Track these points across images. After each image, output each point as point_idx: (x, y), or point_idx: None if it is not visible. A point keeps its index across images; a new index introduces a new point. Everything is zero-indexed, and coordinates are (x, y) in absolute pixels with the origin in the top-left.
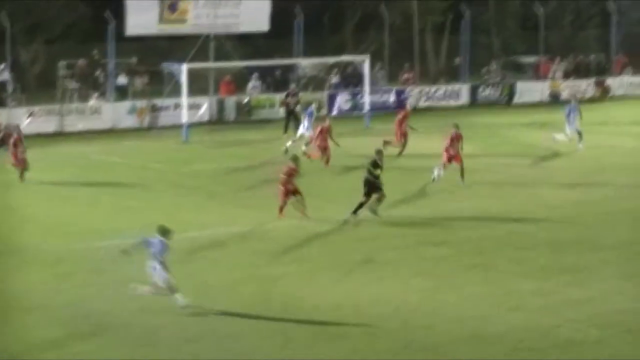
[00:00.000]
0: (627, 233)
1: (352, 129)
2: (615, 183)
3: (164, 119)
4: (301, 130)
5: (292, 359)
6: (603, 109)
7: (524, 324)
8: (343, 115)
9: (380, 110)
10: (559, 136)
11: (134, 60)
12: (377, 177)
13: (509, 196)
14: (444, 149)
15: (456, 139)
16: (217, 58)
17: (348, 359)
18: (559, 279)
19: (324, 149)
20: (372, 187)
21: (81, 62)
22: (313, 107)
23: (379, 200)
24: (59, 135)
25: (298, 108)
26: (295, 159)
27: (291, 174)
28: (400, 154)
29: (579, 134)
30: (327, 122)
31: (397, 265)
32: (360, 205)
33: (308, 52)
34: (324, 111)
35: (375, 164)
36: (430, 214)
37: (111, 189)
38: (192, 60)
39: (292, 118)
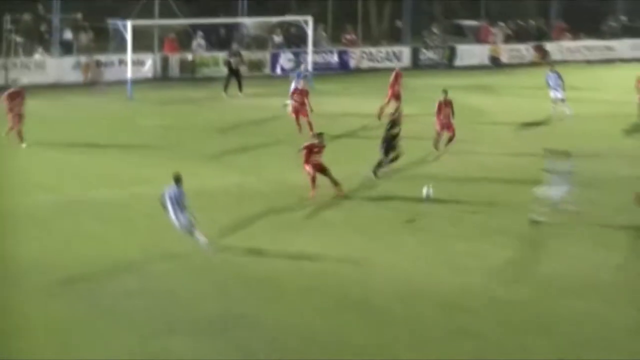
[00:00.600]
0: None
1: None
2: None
3: (109, 74)
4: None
5: (229, 313)
6: (541, 73)
7: (459, 283)
8: (285, 75)
9: (322, 71)
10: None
11: (79, 16)
12: (394, 137)
13: (447, 159)
14: (435, 117)
15: (445, 106)
16: (162, 16)
17: (283, 317)
18: (494, 241)
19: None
20: (390, 146)
21: (26, 16)
22: (302, 68)
23: (394, 159)
24: (3, 89)
25: (242, 68)
26: (319, 134)
27: (312, 150)
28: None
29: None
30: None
31: (334, 224)
32: (380, 164)
33: (252, 12)
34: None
35: (394, 124)
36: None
37: (55, 144)
38: (137, 17)
39: (234, 76)
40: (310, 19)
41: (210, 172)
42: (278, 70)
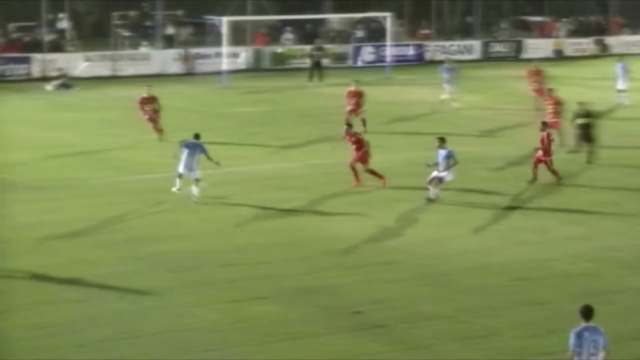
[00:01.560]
0: (622, 178)
1: (375, 78)
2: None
3: (206, 66)
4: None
5: (314, 284)
6: (602, 65)
7: (524, 257)
8: (366, 66)
9: (399, 63)
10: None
11: (180, 12)
12: (591, 127)
13: (511, 141)
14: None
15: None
16: (255, 13)
17: (363, 287)
18: (557, 217)
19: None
20: (588, 135)
21: (133, 13)
22: (446, 66)
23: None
24: (112, 79)
25: (323, 61)
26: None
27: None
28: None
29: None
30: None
31: (410, 202)
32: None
33: (336, 9)
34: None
35: (588, 114)
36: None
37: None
38: (232, 14)
39: (316, 69)
40: (389, 15)
41: (296, 154)
42: (359, 62)
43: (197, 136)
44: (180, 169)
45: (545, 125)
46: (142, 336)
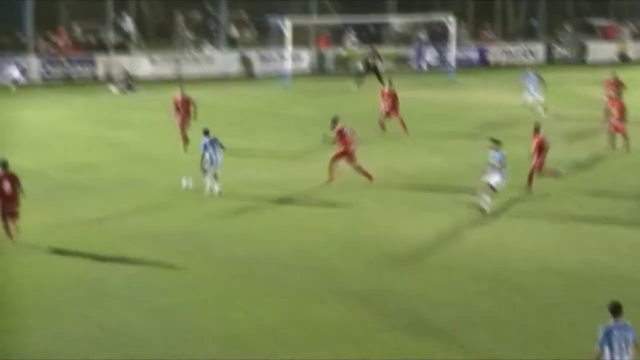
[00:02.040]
0: None
1: (438, 81)
2: None
3: (269, 67)
4: (527, 96)
5: (375, 286)
6: None
7: (582, 259)
8: (430, 70)
9: (463, 66)
10: None
11: (243, 14)
12: None
13: (575, 145)
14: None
15: (614, 85)
16: (318, 14)
17: (424, 290)
18: (620, 221)
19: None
20: None
21: (196, 15)
22: (530, 72)
23: None
24: (176, 80)
25: (379, 65)
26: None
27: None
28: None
29: None
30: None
31: (471, 206)
32: None
33: (399, 11)
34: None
35: None
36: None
37: (219, 129)
38: (296, 15)
39: (373, 72)
40: (452, 18)
41: (360, 155)
42: (423, 65)
43: (207, 132)
44: (207, 166)
45: (537, 130)
46: (202, 337)
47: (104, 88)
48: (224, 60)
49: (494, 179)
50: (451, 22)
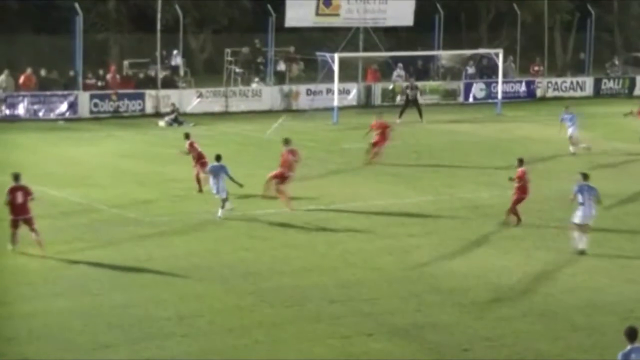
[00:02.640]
0: None
1: (486, 115)
2: None
3: (317, 102)
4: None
5: (423, 321)
6: None
7: (635, 295)
8: (477, 103)
9: (511, 99)
10: None
11: (291, 49)
12: None
13: (623, 178)
14: None
15: None
16: (365, 49)
17: (472, 324)
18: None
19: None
20: None
21: (244, 50)
22: (565, 113)
23: None
24: (224, 115)
25: (419, 98)
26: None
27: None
28: None
29: None
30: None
31: (521, 240)
32: None
33: (446, 45)
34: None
35: None
36: (549, 194)
37: (268, 163)
38: (343, 50)
39: (414, 106)
40: (500, 52)
41: (405, 190)
42: (471, 99)
43: (218, 158)
44: (214, 191)
45: (521, 161)
46: None
47: (152, 123)
48: (272, 95)
49: (580, 215)
50: (499, 56)
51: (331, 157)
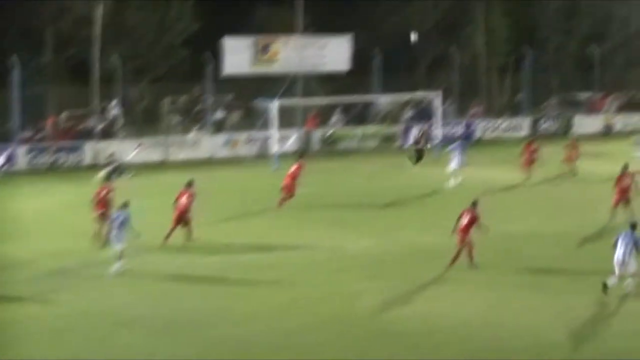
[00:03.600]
0: None
1: (425, 158)
2: None
3: (256, 149)
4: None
5: None
6: None
7: (578, 335)
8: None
9: (449, 142)
10: None
11: (229, 96)
12: None
13: (566, 218)
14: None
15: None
16: (304, 94)
17: None
18: (611, 293)
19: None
20: None
21: (183, 98)
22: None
23: None
24: (163, 164)
25: (423, 145)
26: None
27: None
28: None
29: None
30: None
31: (465, 282)
32: None
33: (385, 89)
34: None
35: None
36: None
37: (210, 212)
38: (282, 96)
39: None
40: (438, 94)
41: (349, 234)
42: (409, 143)
43: (125, 205)
44: (114, 240)
45: (474, 204)
46: None
47: (91, 174)
48: (211, 144)
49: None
50: (437, 99)
51: (273, 204)
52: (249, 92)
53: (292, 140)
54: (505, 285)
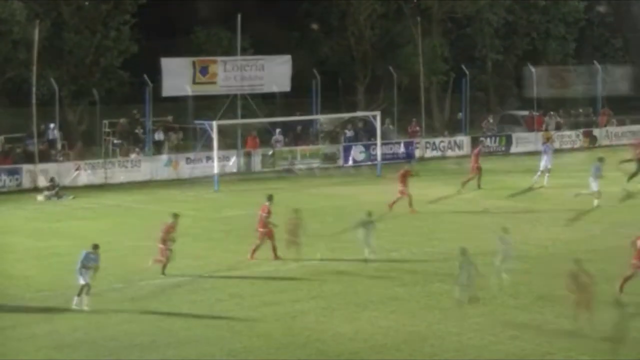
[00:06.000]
0: (613, 268)
1: (365, 177)
2: (602, 222)
3: (197, 170)
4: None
5: None
6: (590, 156)
7: (521, 353)
8: (357, 165)
9: (390, 161)
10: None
11: (169, 118)
12: None
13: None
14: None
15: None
16: (244, 115)
17: None
18: (552, 311)
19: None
20: None
21: (122, 121)
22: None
23: None
24: (104, 186)
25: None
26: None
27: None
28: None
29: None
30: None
31: (406, 301)
32: None
33: (325, 110)
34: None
35: None
36: (433, 253)
37: (151, 234)
38: (222, 117)
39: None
40: (378, 114)
41: (289, 254)
42: (350, 162)
43: (95, 247)
44: (80, 279)
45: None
46: None
47: (30, 197)
48: (151, 165)
49: None
50: (377, 119)
51: (214, 225)
52: (188, 114)
53: (232, 161)
54: (445, 305)
